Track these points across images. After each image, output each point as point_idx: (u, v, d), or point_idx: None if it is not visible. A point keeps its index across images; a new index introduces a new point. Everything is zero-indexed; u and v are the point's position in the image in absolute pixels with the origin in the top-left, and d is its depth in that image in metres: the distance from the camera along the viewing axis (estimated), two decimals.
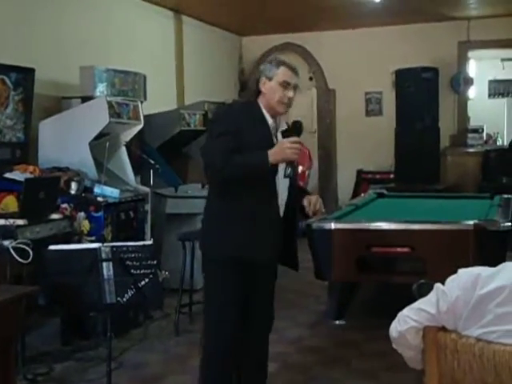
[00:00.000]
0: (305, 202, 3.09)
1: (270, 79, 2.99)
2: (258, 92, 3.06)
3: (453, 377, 1.91)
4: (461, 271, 1.91)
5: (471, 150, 9.07)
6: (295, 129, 2.85)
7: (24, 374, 3.73)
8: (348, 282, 4.91)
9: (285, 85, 2.97)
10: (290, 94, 2.99)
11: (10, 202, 4.22)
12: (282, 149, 2.83)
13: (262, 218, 2.98)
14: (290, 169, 2.95)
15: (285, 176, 2.99)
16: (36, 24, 5.43)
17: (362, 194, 7.17)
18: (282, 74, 2.98)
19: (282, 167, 2.97)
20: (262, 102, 3.04)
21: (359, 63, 9.29)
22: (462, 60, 9.16)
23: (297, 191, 3.19)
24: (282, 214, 3.08)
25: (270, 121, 3.03)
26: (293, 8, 7.81)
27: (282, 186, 3.06)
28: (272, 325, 3.25)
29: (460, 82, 9.10)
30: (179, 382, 3.86)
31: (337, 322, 4.88)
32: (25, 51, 5.15)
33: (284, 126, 3.11)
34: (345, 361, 4.16)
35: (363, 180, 9.29)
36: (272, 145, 2.92)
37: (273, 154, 2.82)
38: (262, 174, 2.90)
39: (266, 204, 3.00)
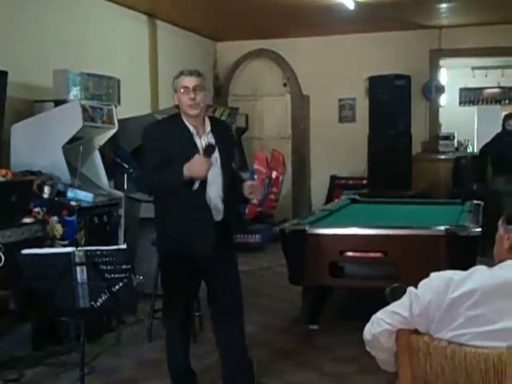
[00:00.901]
0: (244, 189, 3.40)
1: (175, 91, 3.40)
2: (177, 106, 3.45)
3: (425, 379, 1.94)
4: (433, 275, 1.94)
5: (442, 156, 9.19)
6: (208, 150, 3.29)
7: None
8: (321, 287, 4.93)
9: (184, 89, 3.34)
10: (192, 95, 3.32)
11: None
12: (192, 166, 3.18)
13: (194, 219, 3.30)
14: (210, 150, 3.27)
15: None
16: (9, 26, 5.38)
17: (336, 200, 7.23)
18: (180, 81, 3.38)
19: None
20: (182, 113, 3.41)
21: (333, 70, 9.37)
22: (434, 68, 9.30)
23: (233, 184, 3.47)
24: (221, 211, 3.37)
25: (191, 127, 3.37)
26: (267, 14, 7.84)
27: (215, 187, 3.36)
28: (241, 304, 3.51)
29: (432, 90, 9.23)
30: None
31: (310, 327, 4.90)
32: None
33: (210, 139, 3.38)
34: (317, 365, 4.18)
35: (336, 186, 9.35)
36: (195, 147, 3.31)
37: (187, 170, 3.18)
38: (179, 186, 3.25)
39: (197, 207, 3.31)
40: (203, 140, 3.36)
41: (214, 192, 3.35)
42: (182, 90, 3.33)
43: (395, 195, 7.37)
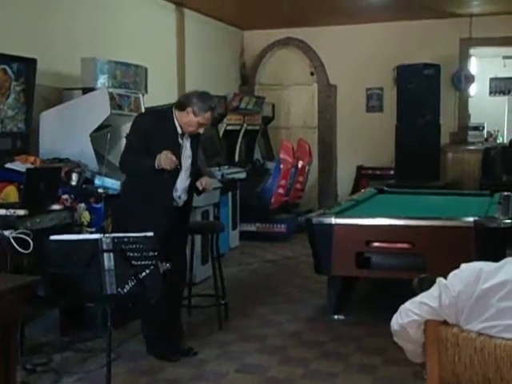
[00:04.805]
0: (197, 183, 3.95)
1: (195, 115, 3.75)
2: (180, 107, 3.80)
3: (453, 370, 1.91)
4: (463, 266, 1.91)
5: (471, 147, 9.06)
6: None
7: (23, 364, 3.72)
8: (347, 277, 4.91)
9: (202, 124, 3.80)
10: (202, 131, 3.87)
11: (11, 193, 4.20)
12: (161, 159, 3.64)
13: (158, 204, 3.84)
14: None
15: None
16: (38, 15, 5.41)
17: (362, 190, 7.17)
18: (206, 117, 3.78)
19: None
20: (177, 115, 3.82)
21: (361, 59, 9.28)
22: (464, 57, 9.15)
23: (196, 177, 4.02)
24: (184, 198, 3.96)
25: (179, 128, 3.83)
26: (294, 2, 7.79)
27: (184, 179, 3.91)
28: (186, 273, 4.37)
29: (461, 79, 9.09)
30: (177, 373, 3.87)
31: (335, 317, 4.88)
32: (27, 41, 5.13)
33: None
34: (343, 355, 4.17)
35: (363, 176, 9.30)
36: (178, 145, 3.81)
37: (158, 160, 3.64)
38: (150, 173, 3.73)
39: (162, 194, 3.84)
40: (185, 140, 3.88)
41: (182, 184, 3.88)
42: (201, 123, 3.78)
43: (423, 186, 7.31)
